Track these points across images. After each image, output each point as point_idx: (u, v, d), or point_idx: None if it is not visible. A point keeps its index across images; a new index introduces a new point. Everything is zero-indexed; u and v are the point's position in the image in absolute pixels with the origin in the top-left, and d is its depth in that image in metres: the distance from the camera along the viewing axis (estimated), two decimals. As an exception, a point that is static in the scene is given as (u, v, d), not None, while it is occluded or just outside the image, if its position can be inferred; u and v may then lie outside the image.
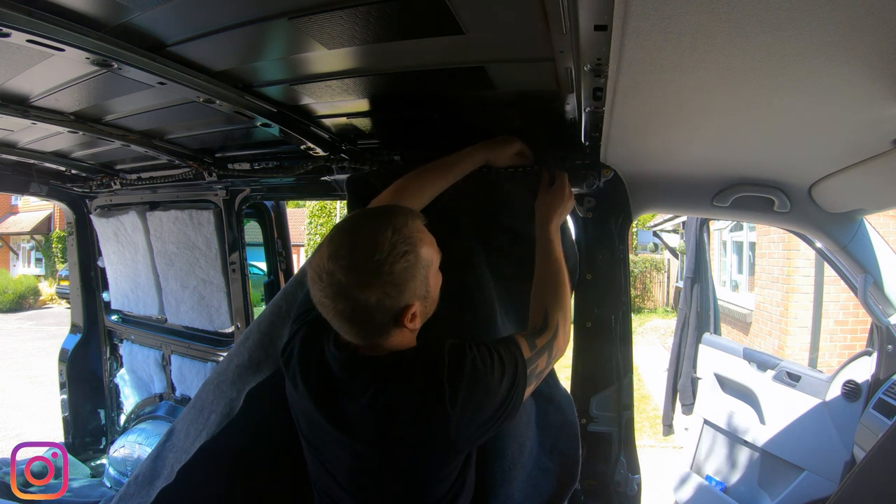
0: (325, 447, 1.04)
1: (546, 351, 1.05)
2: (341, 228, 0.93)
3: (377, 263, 0.86)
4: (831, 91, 0.85)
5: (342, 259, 0.87)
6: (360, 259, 0.87)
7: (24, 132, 1.70)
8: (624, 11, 0.63)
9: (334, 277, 0.87)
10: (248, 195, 2.16)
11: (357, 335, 0.93)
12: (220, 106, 1.20)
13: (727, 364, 2.66)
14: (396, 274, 0.88)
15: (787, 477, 2.19)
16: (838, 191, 1.45)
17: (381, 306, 0.88)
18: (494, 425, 0.98)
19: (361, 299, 0.87)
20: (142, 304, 2.65)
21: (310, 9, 0.84)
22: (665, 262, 12.96)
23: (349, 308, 0.88)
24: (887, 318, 1.86)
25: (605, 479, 1.52)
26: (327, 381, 0.98)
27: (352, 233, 0.91)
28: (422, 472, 0.99)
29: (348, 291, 0.86)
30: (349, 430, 0.96)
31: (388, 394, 0.93)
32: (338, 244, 0.89)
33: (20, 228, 18.04)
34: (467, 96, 1.25)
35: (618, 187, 1.49)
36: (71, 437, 2.83)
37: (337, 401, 0.97)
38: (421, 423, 0.92)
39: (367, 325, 0.91)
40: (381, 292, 0.87)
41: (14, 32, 0.84)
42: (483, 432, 0.98)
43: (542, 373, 1.05)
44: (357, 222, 0.95)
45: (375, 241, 0.88)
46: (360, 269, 0.86)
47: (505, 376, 0.96)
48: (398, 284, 0.88)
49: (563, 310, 1.13)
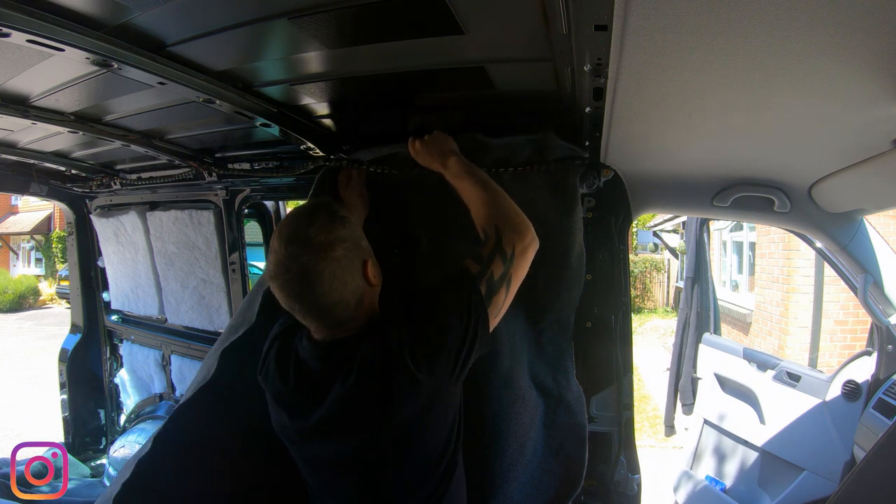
0: (315, 447, 1.05)
1: (497, 254, 1.05)
2: (284, 226, 1.01)
3: (327, 230, 0.97)
4: (831, 91, 0.85)
5: (296, 240, 0.96)
6: (312, 232, 0.96)
7: (24, 132, 1.70)
8: (624, 11, 0.63)
9: (298, 259, 0.94)
10: (248, 195, 2.16)
11: (333, 312, 0.98)
12: (220, 106, 1.20)
13: (727, 364, 2.66)
14: (345, 233, 0.98)
15: (787, 477, 2.19)
16: (838, 191, 1.45)
17: (349, 264, 0.97)
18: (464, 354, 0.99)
19: (328, 267, 0.95)
20: (142, 304, 2.65)
21: (310, 9, 0.84)
22: (665, 262, 12.95)
23: (322, 282, 0.95)
24: (887, 318, 1.86)
25: (605, 479, 1.52)
26: (306, 378, 1.03)
27: (295, 220, 1.00)
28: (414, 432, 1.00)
29: (315, 265, 0.94)
30: (334, 420, 0.99)
31: (357, 368, 0.96)
32: (288, 233, 0.97)
33: (20, 228, 18.03)
34: (467, 96, 1.25)
35: (618, 187, 1.49)
36: (71, 437, 2.83)
37: (318, 393, 1.00)
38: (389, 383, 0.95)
39: (343, 291, 0.97)
40: (343, 249, 0.97)
41: (14, 32, 0.84)
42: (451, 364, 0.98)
43: (506, 274, 1.05)
44: (293, 215, 1.04)
45: (317, 216, 0.99)
46: (315, 239, 0.95)
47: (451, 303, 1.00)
48: (351, 239, 0.99)
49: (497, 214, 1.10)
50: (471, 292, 1.00)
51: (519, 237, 1.07)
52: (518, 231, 1.07)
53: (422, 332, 0.98)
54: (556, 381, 1.41)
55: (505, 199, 1.13)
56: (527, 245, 1.08)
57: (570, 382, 1.40)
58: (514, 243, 1.06)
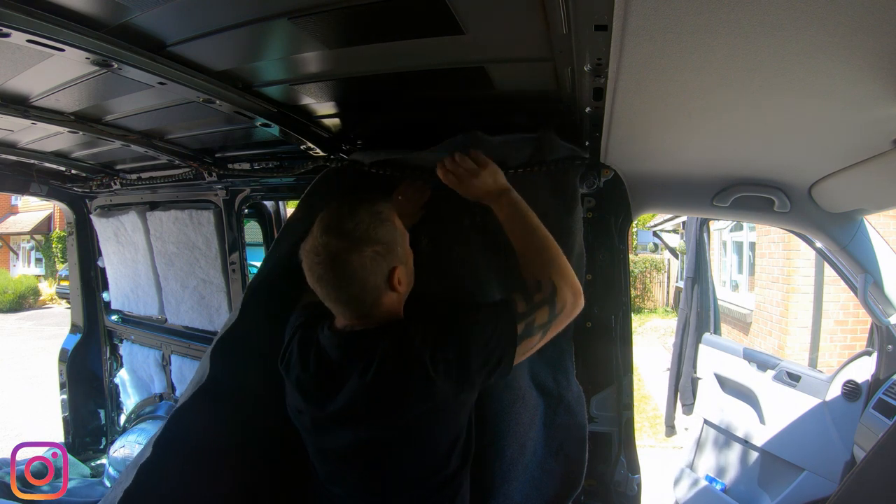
0: (330, 435, 1.06)
1: (546, 304, 1.06)
2: (329, 212, 1.05)
3: (364, 228, 1.00)
4: (832, 91, 0.85)
5: (333, 230, 1.00)
6: (350, 226, 1.00)
7: (24, 132, 1.70)
8: (624, 11, 0.63)
9: (329, 247, 0.99)
10: (248, 195, 2.16)
11: (352, 302, 1.02)
12: (220, 106, 1.20)
13: (727, 364, 2.66)
14: (381, 235, 1.02)
15: (787, 477, 2.19)
16: (838, 191, 1.45)
17: (375, 266, 1.00)
18: (481, 371, 1.01)
19: (355, 260, 0.99)
20: (142, 304, 2.65)
21: (310, 9, 0.84)
22: (665, 262, 12.95)
23: (345, 273, 0.99)
24: (887, 318, 1.86)
25: (605, 479, 1.52)
26: (325, 366, 1.05)
27: (338, 211, 1.04)
28: (424, 433, 1.02)
29: (343, 255, 0.99)
30: (348, 411, 1.01)
31: (377, 363, 0.98)
32: (327, 222, 1.02)
33: (20, 228, 18.03)
34: (467, 96, 1.25)
35: (618, 187, 1.48)
36: (71, 437, 2.83)
37: (336, 382, 1.03)
38: (406, 381, 0.98)
39: (362, 287, 1.00)
40: (372, 251, 1.00)
41: (14, 32, 0.84)
42: (469, 378, 1.00)
43: (547, 325, 1.05)
44: (340, 205, 1.07)
45: (358, 212, 1.03)
46: (351, 234, 1.00)
47: (485, 326, 1.01)
48: (386, 243, 1.02)
49: (554, 269, 1.10)
50: (507, 324, 1.02)
51: (574, 299, 1.09)
52: (574, 292, 1.09)
53: (447, 339, 1.00)
54: (557, 381, 1.41)
55: (561, 253, 1.13)
56: (577, 307, 1.10)
57: (570, 382, 1.40)
58: (566, 301, 1.07)
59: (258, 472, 1.34)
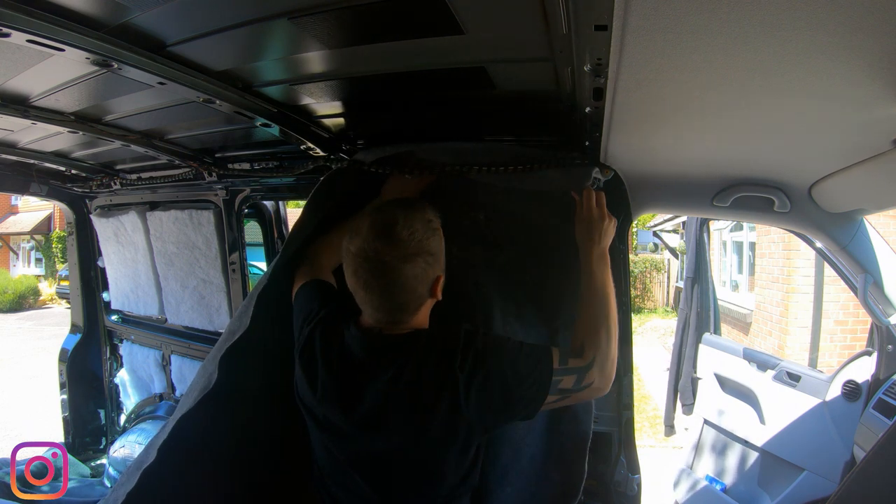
0: (343, 436, 1.05)
1: (576, 373, 1.05)
2: (382, 215, 1.02)
3: (418, 239, 0.99)
4: (831, 91, 0.85)
5: (386, 237, 0.98)
6: (405, 235, 0.98)
7: (24, 132, 1.70)
8: (624, 11, 0.63)
9: (381, 254, 0.97)
10: (248, 195, 2.16)
11: (393, 309, 1.01)
12: (220, 106, 1.20)
13: (727, 364, 2.66)
14: (433, 246, 1.02)
15: (787, 477, 2.19)
16: (838, 191, 1.45)
17: (424, 276, 1.00)
18: (507, 412, 1.01)
19: (406, 271, 0.98)
20: (142, 304, 2.65)
21: (310, 9, 0.84)
22: (665, 262, 12.95)
23: (396, 282, 0.98)
24: (887, 318, 1.86)
25: (605, 479, 1.52)
26: (349, 366, 1.03)
27: (392, 217, 1.01)
28: (438, 454, 1.02)
29: (396, 263, 0.97)
30: (370, 414, 1.00)
31: (407, 373, 0.98)
32: (380, 227, 0.99)
33: (20, 228, 18.03)
34: (467, 96, 1.25)
35: (618, 187, 1.48)
36: (71, 437, 2.83)
37: (358, 384, 1.01)
38: (435, 400, 0.97)
39: (410, 296, 1.00)
40: (424, 262, 0.99)
41: (14, 32, 0.84)
42: (494, 416, 1.01)
43: (568, 392, 1.05)
44: (393, 208, 1.05)
45: (413, 220, 1.01)
46: (406, 243, 0.98)
47: (523, 367, 1.01)
48: (435, 254, 1.02)
49: (598, 345, 1.09)
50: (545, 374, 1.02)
51: (600, 383, 1.08)
52: (604, 377, 1.08)
53: (483, 371, 0.99)
54: None
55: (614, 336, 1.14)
56: (599, 392, 1.09)
57: None
58: (594, 379, 1.07)
59: (261, 476, 1.33)
